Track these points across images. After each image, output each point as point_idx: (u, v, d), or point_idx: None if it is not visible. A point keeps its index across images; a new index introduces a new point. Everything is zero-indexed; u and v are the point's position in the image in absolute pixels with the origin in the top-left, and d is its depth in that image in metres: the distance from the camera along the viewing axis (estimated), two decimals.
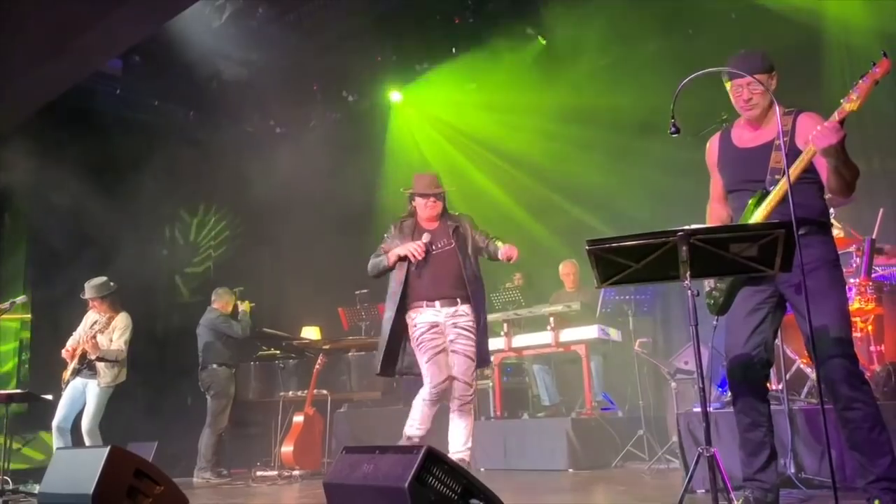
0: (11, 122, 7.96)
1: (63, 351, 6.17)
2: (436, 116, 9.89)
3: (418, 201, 4.74)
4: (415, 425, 4.52)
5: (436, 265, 4.55)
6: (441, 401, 4.57)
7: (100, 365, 6.02)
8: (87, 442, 5.86)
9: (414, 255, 4.49)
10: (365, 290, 9.35)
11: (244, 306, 7.36)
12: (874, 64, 2.72)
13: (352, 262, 9.94)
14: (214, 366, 7.14)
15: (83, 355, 6.03)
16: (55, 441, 5.95)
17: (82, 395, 6.03)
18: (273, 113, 10.14)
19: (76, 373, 6.07)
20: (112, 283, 6.27)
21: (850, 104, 2.73)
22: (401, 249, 4.56)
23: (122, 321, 6.18)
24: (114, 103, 8.85)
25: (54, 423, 5.99)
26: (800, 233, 2.65)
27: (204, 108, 9.52)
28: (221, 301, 7.42)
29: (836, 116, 2.75)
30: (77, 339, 6.19)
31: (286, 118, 10.27)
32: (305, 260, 9.90)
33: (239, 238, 9.18)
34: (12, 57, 6.98)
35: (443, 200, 4.77)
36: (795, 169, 2.86)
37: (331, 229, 10.39)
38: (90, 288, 6.23)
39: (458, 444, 4.53)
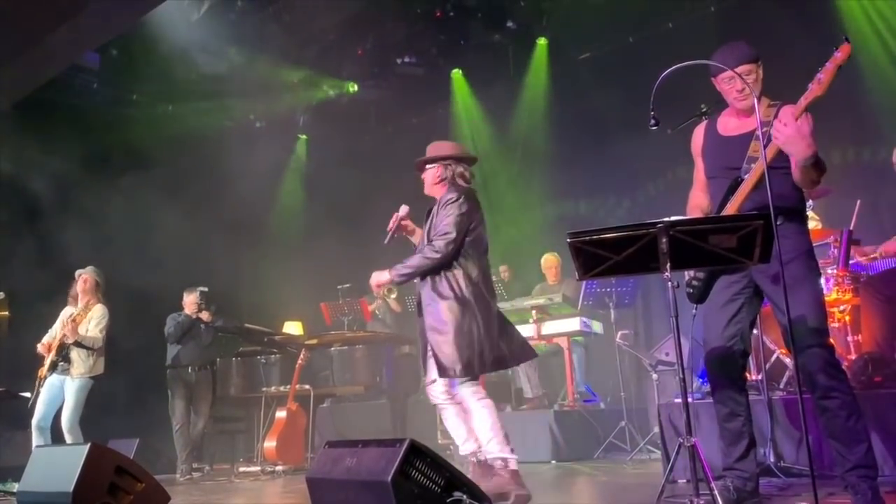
0: None
1: (39, 346, 6.12)
2: None
3: None
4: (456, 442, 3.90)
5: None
6: (449, 403, 3.85)
7: (74, 355, 5.97)
8: (67, 439, 5.80)
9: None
10: (347, 285, 9.33)
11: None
12: (836, 49, 2.76)
13: (334, 258, 9.97)
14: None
15: (60, 346, 5.99)
16: (35, 440, 5.88)
17: (60, 391, 5.97)
18: (253, 107, 10.07)
19: (53, 367, 6.01)
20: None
21: (817, 87, 2.77)
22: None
23: (98, 311, 6.16)
24: (91, 97, 8.75)
25: (33, 422, 5.92)
26: (776, 223, 2.67)
27: (183, 101, 9.43)
28: (186, 300, 7.40)
29: (802, 102, 2.80)
30: (53, 335, 6.14)
31: (266, 112, 10.21)
32: (287, 255, 9.87)
33: (219, 233, 9.11)
34: None
35: (427, 173, 4.17)
36: (769, 154, 2.87)
37: (313, 225, 10.37)
38: (86, 269, 6.30)
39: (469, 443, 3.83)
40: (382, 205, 9.08)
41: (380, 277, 4.11)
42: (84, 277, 6.28)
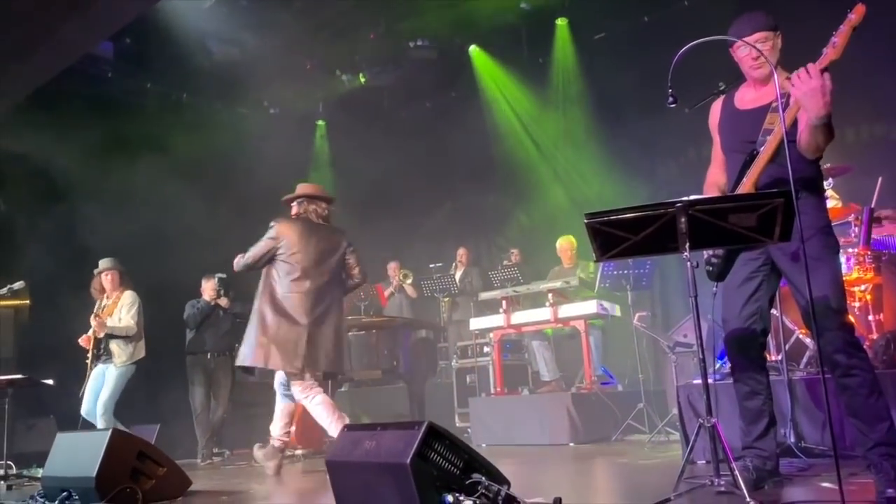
0: (2, 107, 7.90)
1: (80, 339, 6.26)
2: None
3: None
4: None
5: None
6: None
7: (114, 346, 6.14)
8: (99, 424, 5.93)
9: None
10: None
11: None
12: (850, 10, 2.70)
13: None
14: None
15: (97, 339, 6.13)
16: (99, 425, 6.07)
17: (104, 379, 6.11)
18: (266, 94, 10.07)
19: (97, 358, 6.18)
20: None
21: (832, 51, 2.71)
22: None
23: (128, 298, 6.28)
24: (105, 86, 8.77)
25: (82, 412, 6.10)
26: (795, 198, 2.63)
27: (196, 89, 9.44)
28: (204, 286, 7.47)
29: (817, 65, 2.71)
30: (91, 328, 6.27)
31: (280, 99, 10.20)
32: None
33: (235, 220, 9.14)
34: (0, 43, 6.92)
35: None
36: (787, 123, 2.82)
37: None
38: (104, 261, 6.40)
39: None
40: (397, 191, 9.09)
41: None
42: (106, 274, 6.38)
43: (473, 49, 9.63)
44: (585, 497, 2.97)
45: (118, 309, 6.23)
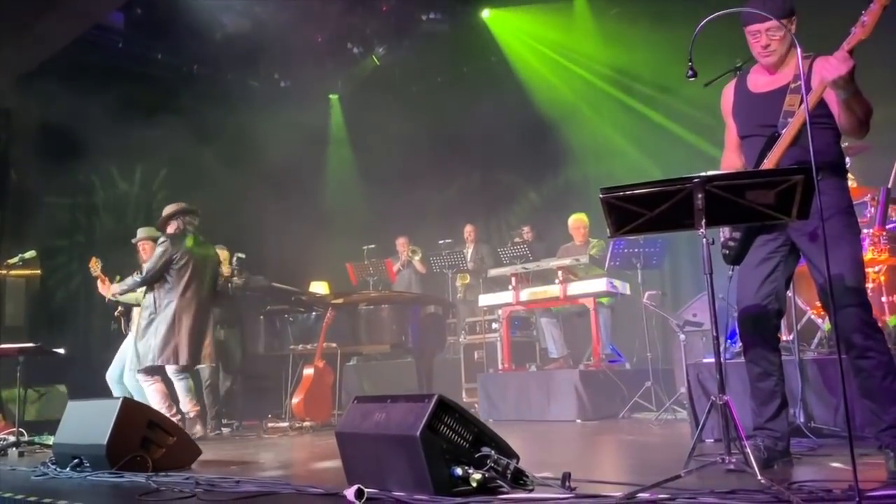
0: (12, 77, 7.87)
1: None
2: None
3: None
4: None
5: None
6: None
7: (134, 314, 6.37)
8: (113, 392, 6.08)
9: None
10: (373, 246, 9.35)
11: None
12: None
13: (360, 218, 9.97)
14: None
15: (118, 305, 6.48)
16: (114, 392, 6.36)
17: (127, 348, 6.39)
18: (278, 66, 10.01)
19: (121, 323, 6.59)
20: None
21: (861, 30, 2.64)
22: None
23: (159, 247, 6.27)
24: (116, 57, 8.73)
25: (107, 376, 6.43)
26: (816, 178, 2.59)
27: (208, 61, 9.39)
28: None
29: (845, 45, 2.65)
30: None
31: (291, 71, 10.15)
32: (314, 215, 9.89)
33: (246, 192, 9.14)
34: (9, 11, 6.88)
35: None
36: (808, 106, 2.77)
37: (339, 184, 10.36)
38: (140, 230, 6.58)
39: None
40: (407, 167, 9.05)
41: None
42: (142, 244, 6.56)
43: (489, 14, 9.43)
44: (594, 473, 2.97)
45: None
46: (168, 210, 6.28)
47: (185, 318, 6.05)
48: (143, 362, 5.95)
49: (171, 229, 6.21)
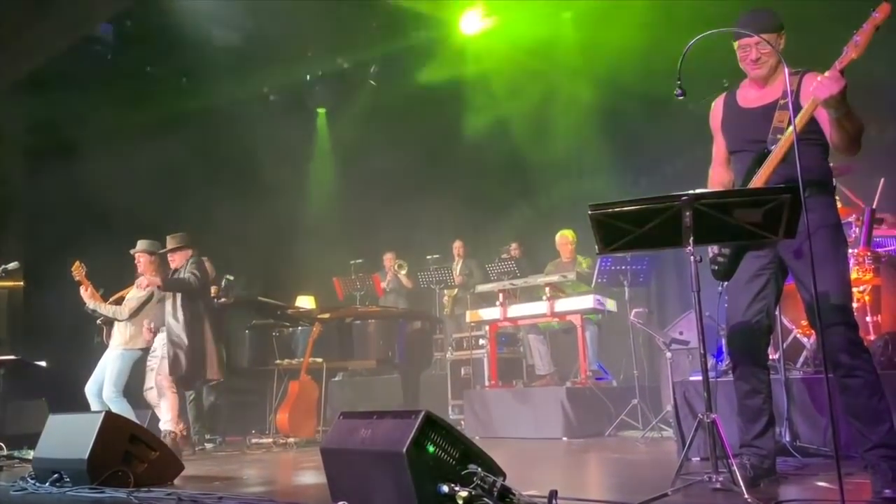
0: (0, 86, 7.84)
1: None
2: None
3: None
4: None
5: None
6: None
7: (115, 328, 6.20)
8: (92, 406, 5.91)
9: None
10: (360, 260, 9.32)
11: None
12: (874, 9, 2.68)
13: (347, 232, 9.94)
14: None
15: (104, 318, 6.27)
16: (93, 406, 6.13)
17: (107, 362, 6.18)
18: (266, 80, 10.01)
19: (106, 338, 6.37)
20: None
21: (853, 50, 2.68)
22: None
23: (139, 292, 6.22)
24: (104, 68, 8.70)
25: (86, 390, 6.18)
26: (803, 195, 2.61)
27: (196, 74, 9.37)
28: None
29: (837, 65, 2.68)
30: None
31: (279, 85, 10.15)
32: (301, 229, 9.86)
33: (232, 207, 9.10)
34: None
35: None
36: (798, 124, 2.80)
37: (326, 199, 10.33)
38: (139, 243, 6.39)
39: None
40: (394, 180, 9.03)
41: None
42: (138, 257, 6.36)
43: (476, 30, 9.27)
44: (581, 491, 2.95)
45: (130, 295, 6.21)
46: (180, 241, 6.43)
47: (207, 331, 6.26)
48: (174, 373, 6.02)
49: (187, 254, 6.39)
